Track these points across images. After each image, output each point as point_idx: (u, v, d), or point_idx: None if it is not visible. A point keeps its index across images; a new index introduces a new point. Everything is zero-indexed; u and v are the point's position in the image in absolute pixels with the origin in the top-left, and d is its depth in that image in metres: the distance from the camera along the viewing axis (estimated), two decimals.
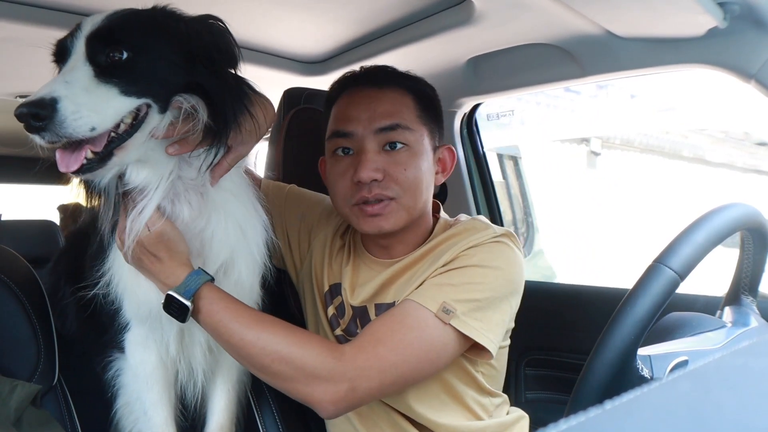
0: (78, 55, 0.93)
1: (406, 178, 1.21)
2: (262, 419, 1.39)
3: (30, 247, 1.97)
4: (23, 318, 1.23)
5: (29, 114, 0.85)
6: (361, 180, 1.20)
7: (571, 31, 1.50)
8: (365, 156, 1.20)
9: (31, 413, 1.15)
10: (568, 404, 0.98)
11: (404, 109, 1.24)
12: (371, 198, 1.21)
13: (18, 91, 2.13)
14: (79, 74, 0.91)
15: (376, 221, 1.22)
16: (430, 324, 1.09)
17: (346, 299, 1.33)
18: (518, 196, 3.25)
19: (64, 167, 0.91)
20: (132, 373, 1.17)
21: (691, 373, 0.43)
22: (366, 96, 1.25)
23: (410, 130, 1.23)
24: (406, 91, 1.27)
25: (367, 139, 1.22)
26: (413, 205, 1.23)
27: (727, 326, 1.18)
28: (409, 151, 1.23)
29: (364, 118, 1.22)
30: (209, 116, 0.99)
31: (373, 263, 1.33)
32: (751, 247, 1.16)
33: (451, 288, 1.12)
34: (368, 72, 1.33)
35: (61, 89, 0.88)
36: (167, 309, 1.04)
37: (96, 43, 0.94)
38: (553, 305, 1.85)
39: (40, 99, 0.86)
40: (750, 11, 1.26)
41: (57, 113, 0.86)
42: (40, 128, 0.86)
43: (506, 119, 2.60)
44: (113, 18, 0.97)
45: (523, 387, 1.91)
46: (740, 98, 3.95)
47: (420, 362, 1.10)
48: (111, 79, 0.92)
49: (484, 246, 1.19)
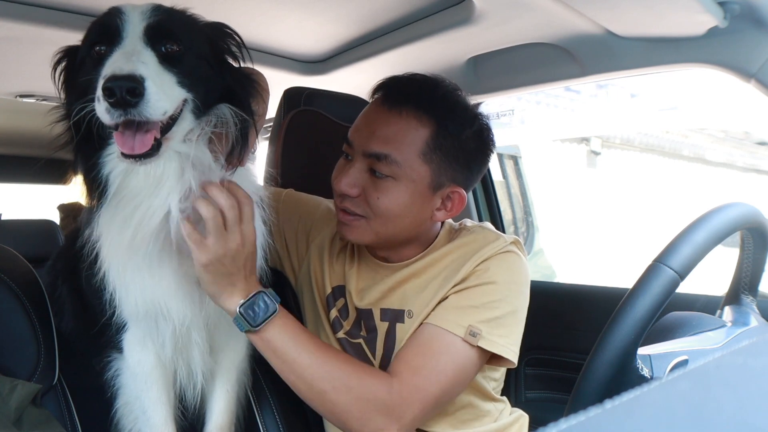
0: (135, 39, 0.91)
1: (377, 206, 1.19)
2: (263, 419, 1.39)
3: (30, 247, 1.97)
4: (23, 317, 1.23)
5: (127, 88, 0.82)
6: (335, 189, 1.24)
7: (572, 31, 1.50)
8: (348, 170, 1.21)
9: (32, 412, 1.15)
10: (568, 404, 0.98)
11: (406, 141, 1.16)
12: (341, 207, 1.24)
13: (18, 90, 2.13)
14: (148, 57, 0.90)
15: (343, 229, 1.25)
16: (459, 347, 1.13)
17: (351, 301, 1.33)
18: (518, 196, 3.25)
19: (128, 149, 0.88)
20: (130, 373, 1.16)
21: (691, 372, 0.43)
22: (378, 113, 1.21)
23: (398, 165, 1.16)
24: (425, 120, 1.17)
25: (358, 155, 1.21)
26: (383, 230, 1.22)
27: (727, 326, 1.18)
28: (392, 183, 1.18)
29: (363, 134, 1.21)
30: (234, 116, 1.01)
31: (378, 266, 1.33)
32: (751, 246, 1.16)
33: (473, 310, 1.15)
34: (399, 84, 1.24)
35: (143, 69, 0.86)
36: (245, 311, 1.05)
37: (155, 31, 0.93)
38: (552, 305, 1.85)
39: (132, 74, 0.84)
40: (750, 11, 1.25)
41: (146, 91, 0.84)
42: (129, 104, 0.83)
43: (506, 119, 2.60)
44: (162, 11, 0.97)
45: (523, 386, 1.91)
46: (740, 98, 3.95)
47: (453, 385, 1.14)
48: (171, 68, 0.92)
49: (496, 259, 1.21)
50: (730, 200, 1.05)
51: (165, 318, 1.09)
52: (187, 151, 0.98)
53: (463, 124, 1.19)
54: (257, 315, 1.05)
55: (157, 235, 1.00)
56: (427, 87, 1.21)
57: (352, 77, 1.96)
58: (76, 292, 1.28)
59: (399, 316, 1.27)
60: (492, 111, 2.38)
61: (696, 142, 8.64)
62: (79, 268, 1.18)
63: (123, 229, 0.99)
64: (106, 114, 0.85)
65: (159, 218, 0.98)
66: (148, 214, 0.98)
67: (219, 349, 1.24)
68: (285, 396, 1.43)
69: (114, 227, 1.00)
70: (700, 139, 8.59)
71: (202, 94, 0.97)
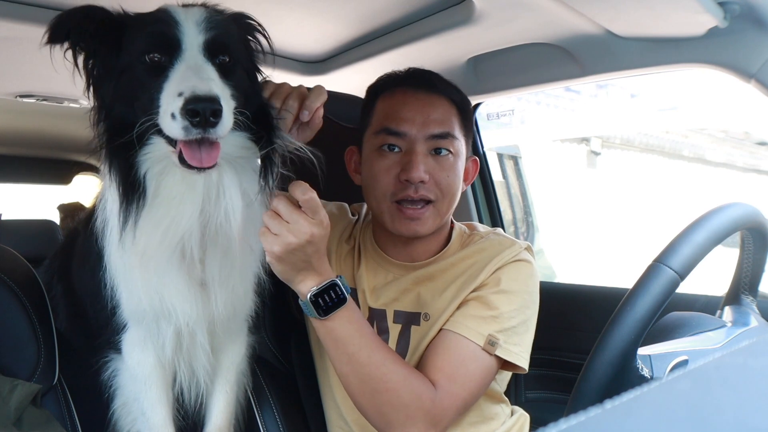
0: (195, 52, 0.92)
1: (447, 183, 1.26)
2: (263, 419, 1.39)
3: (30, 247, 1.97)
4: (23, 318, 1.23)
5: (212, 111, 0.85)
6: (411, 179, 1.23)
7: (572, 31, 1.50)
8: (416, 157, 1.23)
9: (32, 413, 1.15)
10: (569, 404, 0.98)
11: (453, 119, 1.29)
12: (416, 197, 1.24)
13: (18, 90, 2.13)
14: (212, 73, 0.91)
15: (413, 225, 1.25)
16: (479, 355, 1.17)
17: (364, 301, 1.33)
18: (518, 196, 3.25)
19: (196, 162, 0.90)
20: (129, 374, 1.16)
21: (691, 372, 0.43)
22: (420, 99, 1.28)
23: (456, 139, 1.28)
24: (451, 101, 1.31)
25: (418, 141, 1.25)
26: (446, 210, 1.29)
27: (727, 326, 1.19)
28: (452, 158, 1.27)
29: (418, 122, 1.25)
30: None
31: (391, 265, 1.34)
32: (751, 246, 1.16)
33: (492, 320, 1.18)
34: (420, 74, 1.35)
35: (216, 88, 0.88)
36: (315, 299, 1.05)
37: (214, 43, 0.94)
38: (553, 305, 1.83)
39: (214, 96, 0.86)
40: (750, 11, 1.25)
41: (222, 112, 0.87)
42: (211, 124, 0.86)
43: (506, 119, 2.60)
44: (215, 20, 0.96)
45: (523, 386, 1.91)
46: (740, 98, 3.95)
47: (479, 390, 1.19)
48: (226, 81, 0.93)
49: (514, 266, 1.25)
50: (730, 200, 1.05)
51: (168, 319, 1.09)
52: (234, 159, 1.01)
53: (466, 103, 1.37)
54: (327, 303, 1.06)
55: (182, 238, 0.99)
56: (435, 74, 1.35)
57: (351, 77, 1.96)
58: (71, 292, 1.29)
59: (414, 319, 1.28)
60: (492, 111, 2.39)
61: (696, 142, 8.64)
62: (72, 268, 1.18)
63: (153, 231, 0.98)
64: (182, 131, 0.86)
65: (188, 223, 0.98)
66: (178, 219, 0.98)
67: (218, 350, 1.24)
68: (285, 396, 1.43)
69: (145, 228, 0.99)
70: (700, 140, 8.59)
71: (242, 106, 0.97)
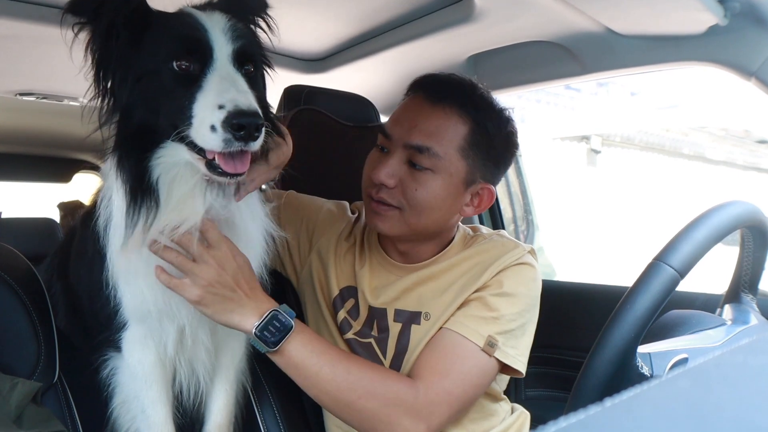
0: (225, 61, 0.93)
1: (414, 197, 1.22)
2: (263, 417, 1.39)
3: (30, 245, 1.97)
4: (23, 316, 1.23)
5: (256, 126, 0.88)
6: (373, 179, 1.24)
7: (572, 29, 1.50)
8: (386, 160, 1.23)
9: (32, 411, 1.15)
10: (568, 402, 0.98)
11: (447, 136, 1.21)
12: (376, 198, 1.25)
13: (18, 88, 2.13)
14: (245, 86, 0.92)
15: (375, 219, 1.26)
16: (477, 355, 1.16)
17: (364, 300, 1.33)
18: (518, 194, 3.25)
19: (231, 168, 0.92)
20: (129, 372, 1.16)
21: (691, 370, 0.43)
22: (419, 106, 1.24)
23: (439, 158, 1.20)
24: (464, 118, 1.22)
25: (398, 146, 1.23)
26: (415, 222, 1.24)
27: (726, 324, 1.19)
28: (430, 175, 1.21)
29: (405, 127, 1.23)
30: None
31: (392, 266, 1.34)
32: (751, 244, 1.16)
33: (493, 321, 1.18)
34: (439, 81, 1.29)
35: (254, 102, 0.90)
36: (261, 333, 1.05)
37: (242, 53, 0.95)
38: (553, 303, 1.83)
39: (257, 111, 0.88)
40: (750, 9, 1.25)
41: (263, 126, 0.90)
42: (253, 138, 0.89)
43: None
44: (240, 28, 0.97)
45: (523, 384, 1.91)
46: (741, 96, 3.94)
47: (475, 390, 1.18)
48: (252, 89, 0.94)
49: (516, 269, 1.24)
50: (730, 198, 1.05)
51: (172, 318, 1.10)
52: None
53: (499, 125, 1.26)
54: (273, 335, 1.06)
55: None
56: (467, 87, 1.27)
57: (352, 75, 1.96)
58: (70, 290, 1.29)
59: (415, 318, 1.28)
60: None
61: (696, 140, 8.64)
62: (70, 266, 1.18)
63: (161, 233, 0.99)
64: (222, 143, 0.88)
65: (192, 224, 1.00)
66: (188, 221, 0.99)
67: (218, 348, 1.24)
68: (285, 395, 1.43)
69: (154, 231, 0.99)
70: (701, 138, 8.58)
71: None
